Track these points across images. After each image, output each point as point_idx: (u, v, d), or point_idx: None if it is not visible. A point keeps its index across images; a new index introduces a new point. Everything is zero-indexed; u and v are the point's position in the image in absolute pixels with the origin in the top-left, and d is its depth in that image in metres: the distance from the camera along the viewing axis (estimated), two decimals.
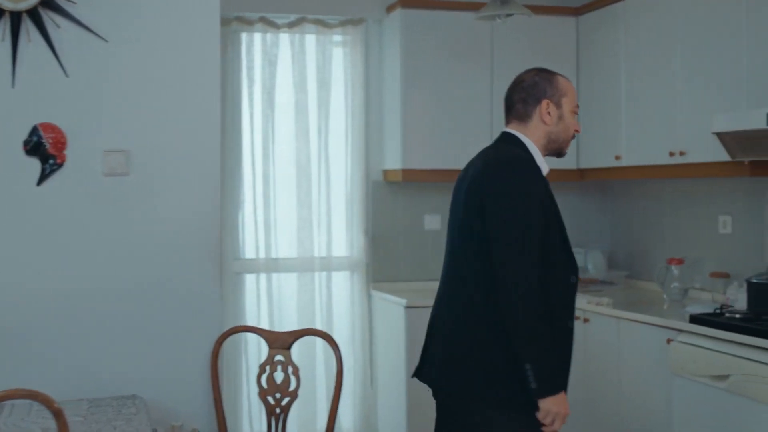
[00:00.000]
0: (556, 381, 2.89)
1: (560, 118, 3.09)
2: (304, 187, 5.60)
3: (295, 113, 5.59)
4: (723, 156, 4.34)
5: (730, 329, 3.95)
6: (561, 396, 2.87)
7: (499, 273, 2.85)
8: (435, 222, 5.87)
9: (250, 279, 5.57)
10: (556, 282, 2.96)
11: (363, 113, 5.72)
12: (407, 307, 5.19)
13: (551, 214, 2.99)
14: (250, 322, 5.53)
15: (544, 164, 3.11)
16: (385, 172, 5.76)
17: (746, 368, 3.79)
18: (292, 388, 3.69)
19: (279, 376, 3.71)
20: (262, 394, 3.70)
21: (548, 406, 2.84)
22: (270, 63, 5.54)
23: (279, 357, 3.69)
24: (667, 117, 4.87)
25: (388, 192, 5.83)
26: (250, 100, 5.52)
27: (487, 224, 2.90)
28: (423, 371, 3.11)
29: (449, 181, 5.71)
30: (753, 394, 3.74)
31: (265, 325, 5.52)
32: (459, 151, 5.52)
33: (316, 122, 5.62)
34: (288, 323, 5.56)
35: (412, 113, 5.50)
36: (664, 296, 5.00)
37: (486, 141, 5.60)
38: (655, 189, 5.59)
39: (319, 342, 5.41)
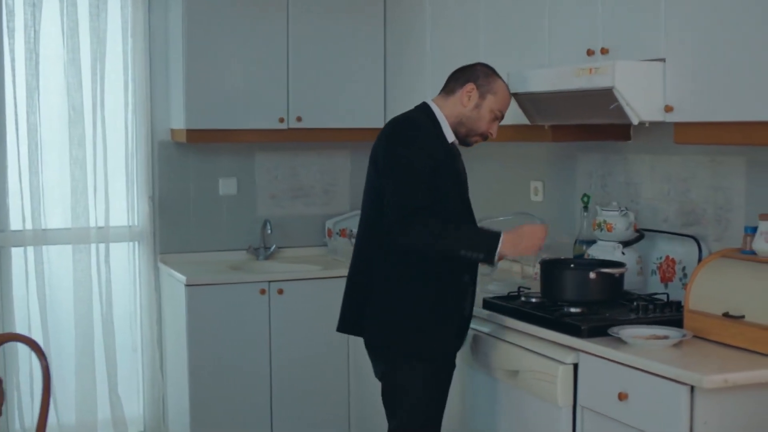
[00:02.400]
0: (487, 242, 3.21)
1: (477, 107, 3.35)
2: (78, 148, 4.95)
3: (65, 65, 4.91)
4: (525, 119, 3.89)
5: (519, 317, 3.52)
6: (506, 241, 3.22)
7: (386, 210, 3.16)
8: (231, 186, 5.30)
9: (16, 253, 4.94)
10: None
11: (146, 66, 5.07)
12: (188, 285, 4.65)
13: (448, 176, 3.29)
14: (19, 302, 4.92)
15: (450, 133, 3.37)
16: (173, 132, 5.14)
17: (534, 364, 3.36)
18: None
19: None
20: None
21: (507, 252, 3.25)
22: (34, 7, 4.82)
23: None
24: None
25: (176, 153, 5.20)
26: (12, 50, 4.81)
27: (380, 175, 3.23)
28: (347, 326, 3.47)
29: (243, 141, 5.20)
30: (539, 393, 3.32)
31: (35, 306, 4.91)
32: (251, 109, 4.99)
33: (89, 75, 4.94)
34: (62, 302, 5.01)
35: (197, 66, 4.87)
36: None
37: (282, 97, 5.08)
38: (465, 151, 5.13)
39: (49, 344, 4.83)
